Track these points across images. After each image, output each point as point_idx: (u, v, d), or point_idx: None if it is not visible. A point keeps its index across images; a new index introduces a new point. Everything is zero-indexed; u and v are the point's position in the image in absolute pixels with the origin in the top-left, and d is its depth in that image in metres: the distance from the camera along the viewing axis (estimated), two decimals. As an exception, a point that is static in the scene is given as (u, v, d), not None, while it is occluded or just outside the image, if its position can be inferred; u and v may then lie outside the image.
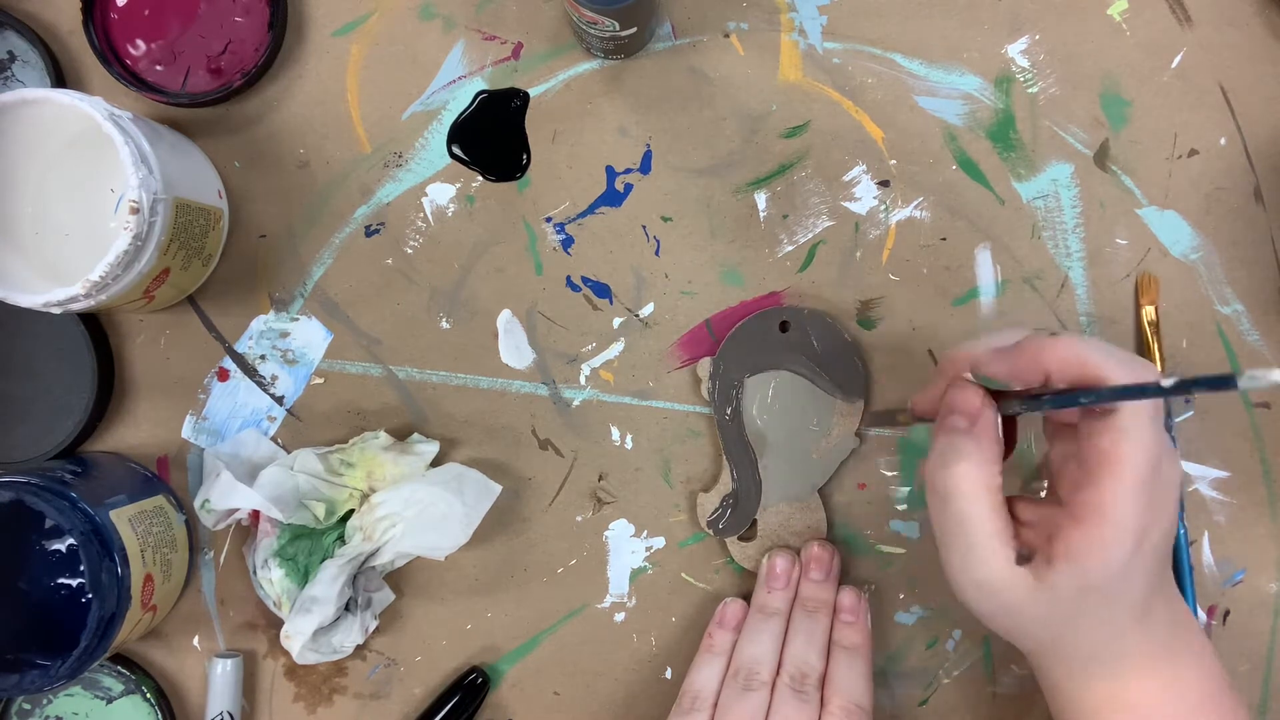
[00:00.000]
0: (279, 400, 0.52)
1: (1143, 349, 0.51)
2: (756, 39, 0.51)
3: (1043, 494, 0.51)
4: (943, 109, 0.51)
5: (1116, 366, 0.36)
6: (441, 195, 0.52)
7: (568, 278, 0.52)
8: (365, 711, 0.53)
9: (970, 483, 0.39)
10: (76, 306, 0.44)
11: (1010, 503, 0.40)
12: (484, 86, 0.52)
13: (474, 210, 0.52)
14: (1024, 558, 0.39)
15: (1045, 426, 0.43)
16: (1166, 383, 0.32)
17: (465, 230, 0.52)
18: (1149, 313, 0.51)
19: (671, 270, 0.52)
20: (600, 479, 0.52)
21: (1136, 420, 0.36)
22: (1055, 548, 0.38)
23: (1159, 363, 0.51)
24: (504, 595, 0.53)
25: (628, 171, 0.52)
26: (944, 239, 0.52)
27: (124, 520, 0.46)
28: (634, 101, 0.52)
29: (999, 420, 0.40)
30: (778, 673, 0.47)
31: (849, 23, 0.51)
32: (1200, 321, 0.51)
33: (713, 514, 0.51)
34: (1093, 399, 0.36)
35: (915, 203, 0.52)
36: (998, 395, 0.40)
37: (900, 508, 0.52)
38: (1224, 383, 0.29)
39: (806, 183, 0.52)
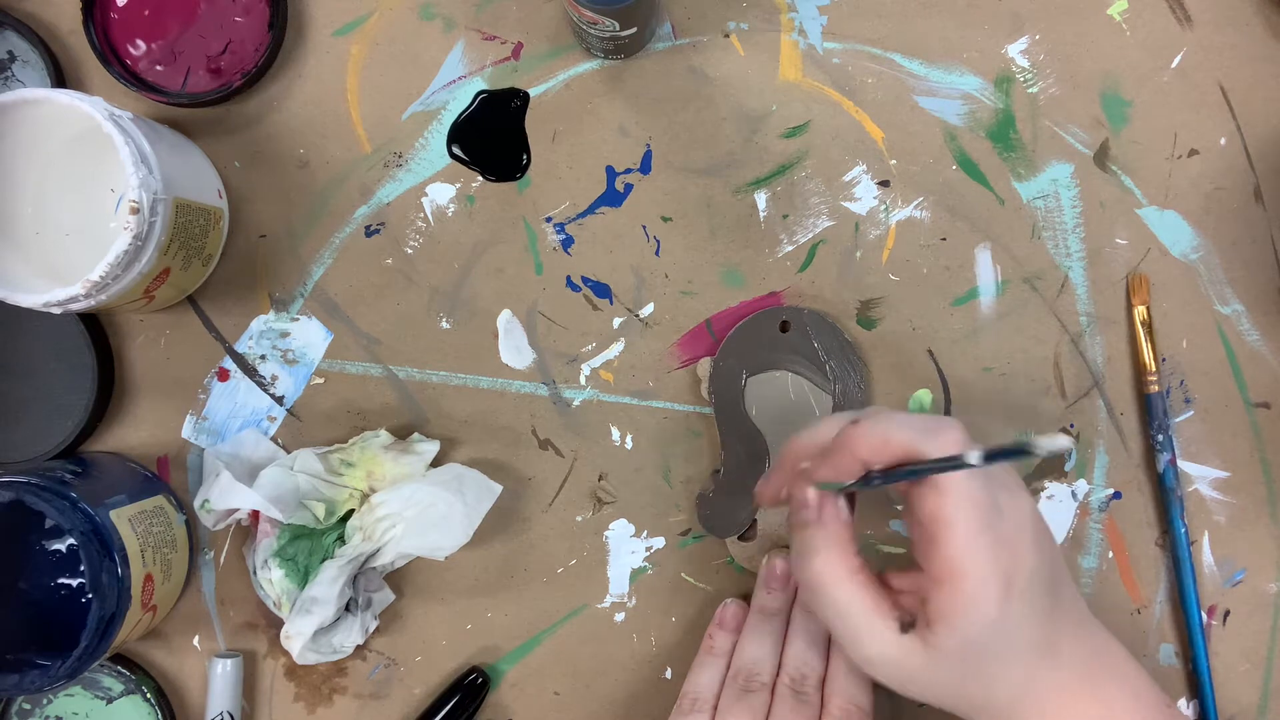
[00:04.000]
0: (279, 400, 0.52)
1: (1137, 349, 0.51)
2: (756, 39, 0.51)
3: None
4: (943, 109, 0.51)
5: (922, 438, 0.37)
6: (441, 195, 0.52)
7: (568, 278, 0.52)
8: (365, 711, 0.53)
9: (829, 574, 0.40)
10: (76, 306, 0.44)
11: (882, 576, 0.42)
12: (484, 86, 0.52)
13: (474, 210, 0.52)
14: (907, 625, 0.39)
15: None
16: (973, 457, 0.34)
17: (465, 230, 0.52)
18: (1140, 312, 0.51)
19: (671, 270, 0.52)
20: (600, 479, 0.52)
21: (951, 478, 0.37)
22: (929, 612, 0.38)
23: (1153, 362, 0.51)
24: (504, 595, 0.53)
25: (628, 171, 0.52)
26: (944, 239, 0.52)
27: (124, 520, 0.46)
28: (634, 101, 0.52)
29: (842, 504, 0.41)
30: (778, 674, 0.47)
31: (849, 23, 0.51)
32: (1200, 321, 0.51)
33: (704, 508, 0.51)
34: (911, 474, 0.37)
35: (915, 203, 0.52)
36: None
37: (900, 508, 0.52)
38: (1022, 451, 0.32)
39: (806, 183, 0.52)
